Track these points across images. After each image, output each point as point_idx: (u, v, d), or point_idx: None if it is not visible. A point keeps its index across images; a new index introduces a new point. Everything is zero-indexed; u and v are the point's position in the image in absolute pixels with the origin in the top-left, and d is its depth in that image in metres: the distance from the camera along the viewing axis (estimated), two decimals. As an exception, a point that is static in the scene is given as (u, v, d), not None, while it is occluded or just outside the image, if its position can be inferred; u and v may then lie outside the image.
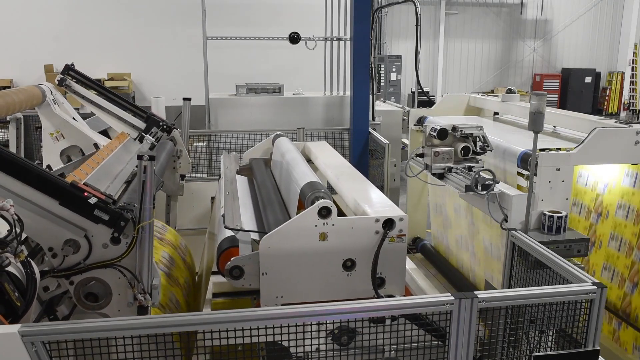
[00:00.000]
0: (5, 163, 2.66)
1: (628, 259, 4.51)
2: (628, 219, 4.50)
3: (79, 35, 14.59)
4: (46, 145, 4.69)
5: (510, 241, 3.76)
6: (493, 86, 20.86)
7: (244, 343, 2.40)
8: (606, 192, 4.72)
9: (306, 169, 3.76)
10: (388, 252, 3.03)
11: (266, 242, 2.94)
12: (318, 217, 2.94)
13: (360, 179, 4.02)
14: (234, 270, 2.99)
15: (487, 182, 3.91)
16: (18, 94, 4.29)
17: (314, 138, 7.89)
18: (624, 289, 4.55)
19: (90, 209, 2.71)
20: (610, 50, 21.64)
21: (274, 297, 2.98)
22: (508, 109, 5.69)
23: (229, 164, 4.90)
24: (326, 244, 2.97)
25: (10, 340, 2.19)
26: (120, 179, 3.83)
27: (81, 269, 2.76)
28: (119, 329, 2.28)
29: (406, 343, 2.64)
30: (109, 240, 2.76)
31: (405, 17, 19.08)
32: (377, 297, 3.02)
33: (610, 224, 4.69)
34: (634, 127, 4.00)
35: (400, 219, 3.03)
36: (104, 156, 3.87)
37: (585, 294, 2.71)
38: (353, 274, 3.03)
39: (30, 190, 2.68)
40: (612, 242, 4.69)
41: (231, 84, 8.81)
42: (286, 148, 4.58)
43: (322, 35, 8.85)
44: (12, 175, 2.66)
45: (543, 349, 2.95)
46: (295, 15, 12.34)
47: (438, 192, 6.06)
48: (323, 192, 3.12)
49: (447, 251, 6.03)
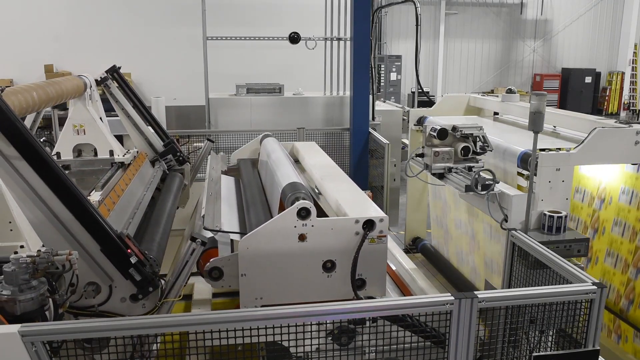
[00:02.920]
0: (65, 194, 2.61)
1: (632, 244, 4.51)
2: (632, 204, 4.49)
3: (79, 35, 14.58)
4: (65, 134, 4.62)
5: (510, 241, 3.76)
6: (493, 86, 20.86)
7: (244, 343, 2.40)
8: (609, 178, 4.72)
9: (289, 170, 3.72)
10: (368, 254, 2.99)
11: (245, 243, 2.90)
12: (297, 218, 2.90)
13: (344, 180, 3.96)
14: (213, 271, 2.97)
15: (487, 182, 3.91)
16: (66, 83, 4.24)
17: (314, 138, 7.89)
18: (628, 274, 4.55)
19: (127, 266, 2.70)
20: (610, 50, 21.63)
21: (253, 299, 2.95)
22: (508, 109, 5.69)
23: (215, 164, 4.86)
24: (306, 245, 2.93)
25: (10, 340, 2.18)
26: (139, 214, 3.83)
27: (93, 312, 2.74)
28: (118, 329, 2.28)
29: (398, 344, 2.64)
30: (129, 297, 2.75)
31: (405, 17, 19.07)
32: (357, 298, 2.98)
33: (613, 210, 4.68)
34: (634, 127, 4.00)
35: (381, 220, 2.98)
36: (127, 182, 3.90)
37: (585, 294, 2.71)
38: (333, 275, 2.99)
39: (79, 227, 2.65)
40: (616, 228, 4.68)
41: (231, 84, 8.81)
42: (272, 148, 4.54)
43: (322, 35, 8.85)
44: (68, 208, 2.62)
45: (543, 349, 2.95)
46: (295, 15, 12.32)
47: (439, 204, 6.07)
48: (304, 193, 3.09)
49: (447, 251, 6.03)
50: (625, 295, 4.59)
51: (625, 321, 4.58)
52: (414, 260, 5.14)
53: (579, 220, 5.04)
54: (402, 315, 2.65)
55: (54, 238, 2.64)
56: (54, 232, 2.64)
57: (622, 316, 4.61)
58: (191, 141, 7.72)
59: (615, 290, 4.68)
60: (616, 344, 4.75)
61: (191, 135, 7.77)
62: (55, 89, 3.86)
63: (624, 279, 4.60)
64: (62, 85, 4.09)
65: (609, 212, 4.72)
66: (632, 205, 4.48)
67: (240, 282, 2.93)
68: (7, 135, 2.49)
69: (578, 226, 5.04)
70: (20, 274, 2.36)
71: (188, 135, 7.66)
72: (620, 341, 4.71)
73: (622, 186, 4.57)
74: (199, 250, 2.75)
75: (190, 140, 7.69)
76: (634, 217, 4.47)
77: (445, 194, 5.86)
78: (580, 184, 5.00)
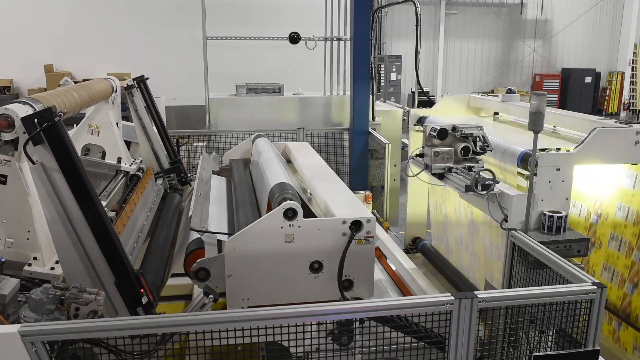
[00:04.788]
0: (96, 220, 2.62)
1: (628, 259, 4.51)
2: (628, 219, 4.49)
3: (79, 35, 14.60)
4: (79, 131, 4.58)
5: (510, 241, 3.76)
6: (493, 86, 20.86)
7: (244, 343, 2.40)
8: (606, 194, 4.72)
9: (279, 170, 3.70)
10: (356, 254, 2.97)
11: (231, 243, 2.89)
12: (284, 219, 2.88)
13: (333, 180, 3.93)
14: (199, 272, 2.96)
15: (487, 182, 3.91)
16: (99, 85, 4.26)
17: (314, 138, 7.89)
18: (624, 290, 4.55)
19: (137, 304, 2.69)
20: (610, 50, 21.63)
21: (240, 300, 2.93)
22: (508, 109, 5.69)
23: (206, 164, 4.83)
24: (292, 245, 2.92)
25: (10, 340, 2.18)
26: (141, 238, 3.85)
27: None
28: (118, 329, 2.28)
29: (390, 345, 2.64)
30: None
31: (405, 17, 19.07)
32: (344, 299, 2.97)
33: (610, 225, 4.69)
34: (634, 127, 4.00)
35: (368, 221, 2.96)
36: (136, 201, 3.94)
37: (585, 294, 2.71)
38: (320, 276, 2.98)
39: (99, 255, 2.65)
40: (612, 243, 4.68)
41: (231, 84, 8.81)
42: (263, 148, 4.52)
43: (322, 35, 8.85)
44: (95, 235, 2.62)
45: (543, 349, 2.95)
46: (295, 15, 12.33)
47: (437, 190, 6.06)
48: (291, 193, 3.08)
49: (447, 251, 6.03)
50: (622, 310, 4.59)
51: (626, 322, 4.58)
52: (414, 260, 5.14)
53: (582, 207, 5.02)
54: (393, 316, 2.65)
55: (71, 259, 2.65)
56: (73, 253, 2.64)
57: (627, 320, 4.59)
58: (191, 141, 7.73)
59: (612, 305, 4.69)
60: (616, 344, 4.75)
61: (191, 135, 7.77)
62: (87, 91, 3.93)
63: (620, 293, 4.60)
64: (94, 87, 4.14)
65: (605, 227, 4.73)
66: (629, 221, 4.48)
67: (227, 283, 2.91)
68: (58, 157, 2.53)
69: (581, 212, 5.02)
70: (46, 304, 2.39)
71: (188, 135, 7.66)
72: (621, 342, 4.71)
73: (619, 203, 4.57)
74: (210, 305, 2.70)
75: (190, 140, 7.70)
76: (631, 233, 4.47)
77: (445, 194, 5.86)
78: (577, 200, 5.00)
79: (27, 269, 2.84)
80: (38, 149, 2.54)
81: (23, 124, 2.53)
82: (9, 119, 2.61)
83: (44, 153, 2.55)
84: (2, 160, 2.76)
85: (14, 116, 2.60)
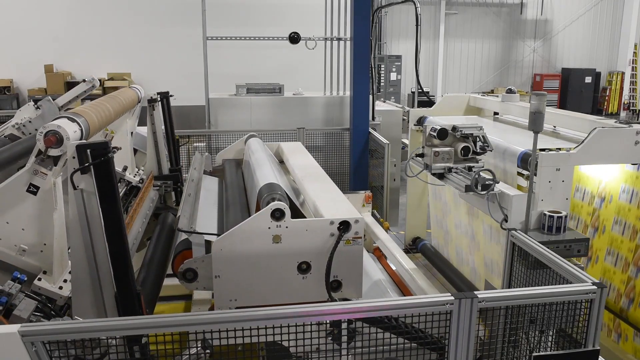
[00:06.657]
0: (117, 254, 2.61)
1: (632, 243, 4.51)
2: (632, 202, 4.49)
3: (79, 35, 14.61)
4: None
5: (510, 241, 3.76)
6: (493, 86, 20.86)
7: (244, 343, 2.40)
8: (610, 177, 4.72)
9: (269, 171, 3.69)
10: (344, 255, 2.95)
11: (219, 244, 2.87)
12: (271, 219, 2.86)
13: (323, 180, 3.92)
14: (187, 272, 2.95)
15: (487, 182, 3.91)
16: (126, 95, 4.32)
17: (314, 138, 7.90)
18: (628, 273, 4.55)
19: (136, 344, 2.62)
20: (610, 50, 21.63)
21: (228, 300, 2.91)
22: (508, 109, 5.69)
23: (198, 165, 4.83)
24: (280, 246, 2.90)
25: (10, 340, 2.18)
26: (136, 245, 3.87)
27: None
28: (118, 329, 2.28)
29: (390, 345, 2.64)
30: None
31: (405, 17, 19.07)
32: (332, 300, 2.96)
33: (613, 208, 4.68)
34: (634, 127, 4.00)
35: (356, 221, 2.94)
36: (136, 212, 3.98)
37: (585, 294, 2.71)
38: (308, 277, 2.96)
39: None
40: (616, 227, 4.68)
41: (231, 84, 8.82)
42: (255, 148, 4.52)
43: (322, 35, 8.85)
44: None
45: (543, 349, 2.95)
46: (295, 15, 12.34)
47: (439, 205, 6.06)
48: (279, 194, 3.06)
49: (447, 250, 6.03)
50: (625, 294, 4.59)
51: (625, 321, 4.58)
52: (414, 260, 5.14)
53: (579, 219, 5.04)
54: (386, 318, 2.65)
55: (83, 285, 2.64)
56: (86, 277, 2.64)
57: (622, 315, 4.61)
58: (191, 141, 7.72)
59: (616, 289, 4.69)
60: (616, 344, 4.75)
61: (191, 135, 7.77)
62: (119, 103, 4.00)
63: (624, 277, 4.60)
64: (123, 98, 4.20)
65: (609, 211, 4.72)
66: (633, 204, 4.48)
67: (214, 283, 2.90)
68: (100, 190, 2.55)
69: (578, 225, 5.04)
70: None
71: (188, 135, 7.66)
72: (620, 340, 4.71)
73: (623, 185, 4.58)
74: (204, 352, 2.67)
75: (190, 140, 7.70)
76: (634, 216, 4.47)
77: (445, 194, 5.86)
78: (581, 183, 5.00)
79: (37, 283, 2.84)
80: (84, 177, 2.54)
81: (77, 151, 2.52)
82: (58, 135, 2.66)
83: (88, 182, 2.54)
84: (40, 173, 2.79)
85: (64, 134, 2.66)
